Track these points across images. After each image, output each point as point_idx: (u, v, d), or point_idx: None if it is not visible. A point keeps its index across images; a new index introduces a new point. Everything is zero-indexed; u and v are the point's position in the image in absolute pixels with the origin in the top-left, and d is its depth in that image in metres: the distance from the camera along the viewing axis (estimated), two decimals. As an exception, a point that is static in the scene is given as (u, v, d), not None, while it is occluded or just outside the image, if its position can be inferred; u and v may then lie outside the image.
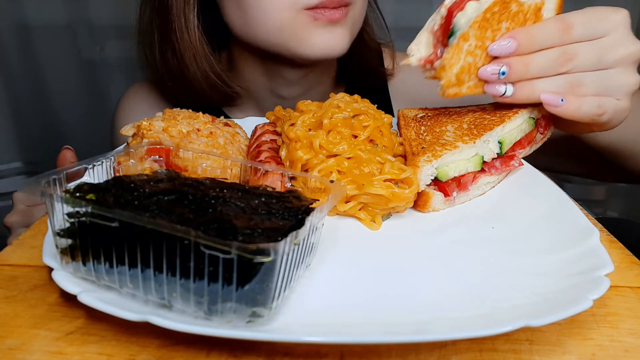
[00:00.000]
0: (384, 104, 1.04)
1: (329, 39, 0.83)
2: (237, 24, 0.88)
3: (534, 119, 0.67)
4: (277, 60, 0.91)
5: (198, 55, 0.91)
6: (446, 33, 0.64)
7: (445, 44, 0.64)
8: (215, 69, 0.93)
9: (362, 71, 1.02)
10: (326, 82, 1.04)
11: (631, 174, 0.87)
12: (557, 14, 0.65)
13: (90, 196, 0.43)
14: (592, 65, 0.60)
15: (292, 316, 0.44)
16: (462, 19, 0.62)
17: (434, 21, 0.65)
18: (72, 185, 0.46)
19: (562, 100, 0.59)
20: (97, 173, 0.53)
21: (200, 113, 0.72)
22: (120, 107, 1.11)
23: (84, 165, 0.52)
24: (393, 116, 0.71)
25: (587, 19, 0.60)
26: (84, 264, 0.44)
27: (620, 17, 0.60)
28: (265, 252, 0.37)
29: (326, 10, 0.80)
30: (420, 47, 0.67)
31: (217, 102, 0.98)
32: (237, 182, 0.57)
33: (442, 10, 0.64)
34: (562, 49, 0.60)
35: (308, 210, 0.46)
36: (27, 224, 0.74)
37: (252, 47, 0.90)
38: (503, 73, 0.60)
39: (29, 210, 0.77)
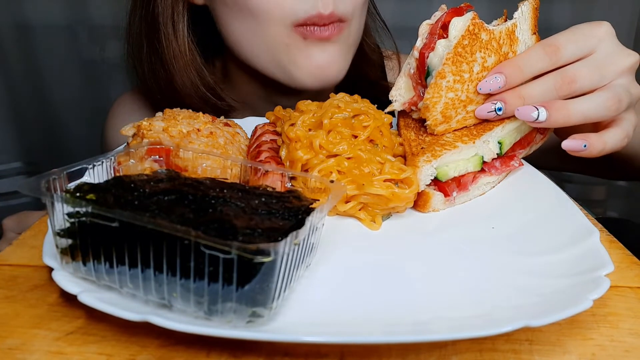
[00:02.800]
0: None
1: (322, 59, 0.80)
2: (234, 38, 0.85)
3: (534, 119, 0.67)
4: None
5: (188, 65, 0.87)
6: (423, 74, 0.64)
7: (424, 85, 0.65)
8: (206, 80, 0.90)
9: (362, 84, 0.99)
10: (325, 93, 1.03)
11: (635, 174, 0.86)
12: (533, 33, 0.65)
13: (91, 196, 0.43)
14: (595, 83, 0.58)
15: (292, 316, 0.44)
16: (434, 59, 0.63)
17: (410, 65, 0.66)
18: (72, 185, 0.46)
19: (585, 145, 0.57)
20: (97, 173, 0.53)
21: (200, 113, 0.72)
22: (111, 116, 1.09)
23: (84, 165, 0.52)
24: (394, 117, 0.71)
25: (573, 37, 0.59)
26: (84, 264, 0.44)
27: (604, 29, 0.59)
28: (265, 252, 0.37)
29: (316, 28, 0.78)
30: (402, 92, 0.68)
31: (210, 114, 0.97)
32: (237, 182, 0.57)
33: (415, 53, 0.65)
34: (559, 73, 0.58)
35: (308, 210, 0.46)
36: None
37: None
38: (499, 109, 0.60)
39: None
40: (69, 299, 0.45)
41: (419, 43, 0.65)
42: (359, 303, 0.46)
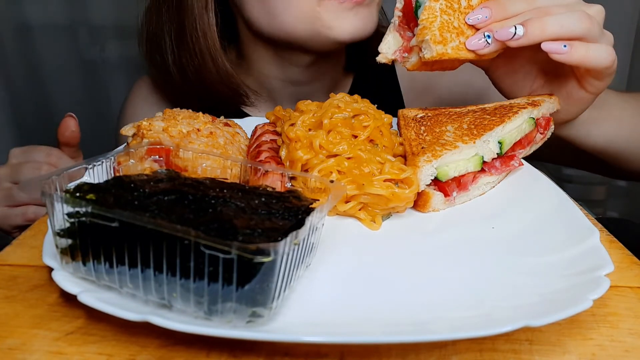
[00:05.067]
0: (394, 89, 1.05)
1: (357, 22, 0.85)
2: (260, 18, 0.88)
3: (533, 119, 0.67)
4: (289, 48, 0.92)
5: (217, 55, 0.91)
6: (411, 15, 0.67)
7: (412, 27, 0.67)
8: (233, 68, 0.94)
9: (370, 54, 1.03)
10: (336, 68, 1.05)
11: (631, 174, 0.87)
12: None
13: (90, 196, 0.43)
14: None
15: (292, 316, 0.44)
16: None
17: (394, 21, 0.70)
18: (72, 185, 0.46)
19: (565, 46, 0.60)
20: (97, 173, 0.53)
21: (200, 113, 0.72)
22: (132, 96, 1.10)
23: (84, 165, 0.52)
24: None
25: None
26: (84, 264, 0.44)
27: None
28: (265, 252, 0.37)
29: None
30: (390, 45, 0.70)
31: (234, 101, 0.98)
32: (237, 182, 0.57)
33: (398, 6, 0.68)
34: (537, 7, 0.63)
35: (308, 210, 0.46)
36: (14, 179, 0.77)
37: (267, 38, 0.90)
38: (488, 36, 0.64)
39: (19, 165, 0.78)
40: (69, 299, 0.45)
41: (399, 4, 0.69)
42: (359, 303, 0.46)
